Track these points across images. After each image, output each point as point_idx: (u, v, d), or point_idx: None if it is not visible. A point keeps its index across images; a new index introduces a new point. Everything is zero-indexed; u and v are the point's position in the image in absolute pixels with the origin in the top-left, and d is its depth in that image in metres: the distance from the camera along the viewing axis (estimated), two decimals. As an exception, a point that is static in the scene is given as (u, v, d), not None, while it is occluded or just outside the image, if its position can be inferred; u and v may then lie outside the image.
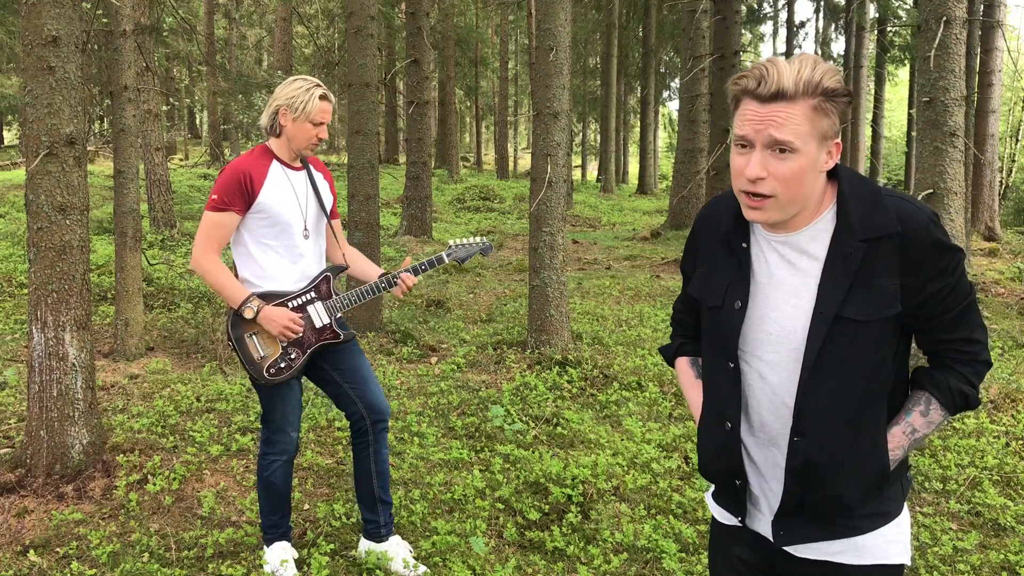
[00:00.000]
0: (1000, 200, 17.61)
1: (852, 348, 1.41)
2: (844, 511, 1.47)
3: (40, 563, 3.09)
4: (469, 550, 3.24)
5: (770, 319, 1.47)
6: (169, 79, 24.18)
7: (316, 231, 3.00)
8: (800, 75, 1.33)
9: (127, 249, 6.01)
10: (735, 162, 1.42)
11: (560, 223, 6.09)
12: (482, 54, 31.13)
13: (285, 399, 2.93)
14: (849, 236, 1.40)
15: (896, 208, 1.40)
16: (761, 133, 1.36)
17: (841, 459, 1.44)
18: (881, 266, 1.40)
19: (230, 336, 2.87)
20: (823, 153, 1.38)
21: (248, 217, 2.83)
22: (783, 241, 1.47)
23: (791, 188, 1.37)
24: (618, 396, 5.24)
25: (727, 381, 1.54)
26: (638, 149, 29.90)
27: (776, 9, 25.57)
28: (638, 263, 12.03)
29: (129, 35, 6.17)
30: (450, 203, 19.02)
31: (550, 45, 5.94)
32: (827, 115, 1.36)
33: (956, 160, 5.31)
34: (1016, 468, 4.16)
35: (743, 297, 1.50)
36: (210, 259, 2.82)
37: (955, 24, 5.29)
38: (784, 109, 1.34)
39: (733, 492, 1.58)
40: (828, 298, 1.41)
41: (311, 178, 3.00)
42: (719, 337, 1.55)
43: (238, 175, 2.78)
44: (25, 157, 3.64)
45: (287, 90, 2.84)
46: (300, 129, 2.84)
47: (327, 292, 2.97)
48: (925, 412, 1.50)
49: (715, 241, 1.58)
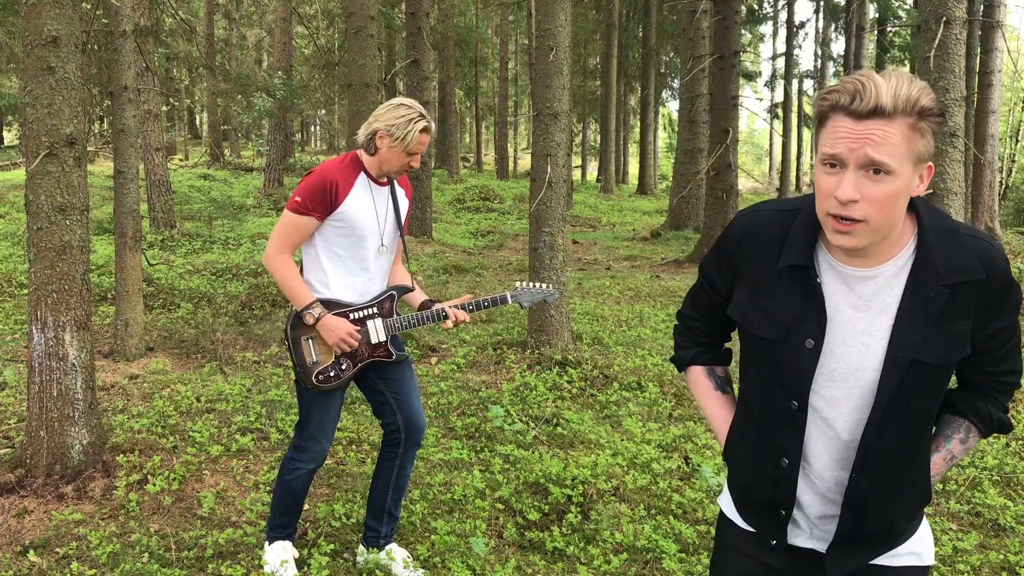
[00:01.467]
0: (1000, 200, 17.61)
1: (921, 389, 1.38)
2: (894, 535, 1.48)
3: (40, 563, 3.09)
4: (469, 550, 3.24)
5: (836, 355, 1.40)
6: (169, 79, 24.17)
7: (390, 248, 3.00)
8: (898, 91, 1.25)
9: (127, 249, 6.01)
10: (823, 182, 1.32)
11: (560, 223, 6.09)
12: (482, 54, 31.14)
13: (326, 408, 2.93)
14: (931, 278, 1.34)
15: (978, 250, 1.35)
16: (856, 152, 1.26)
17: (895, 492, 1.44)
18: (958, 310, 1.35)
19: (287, 336, 2.89)
20: (916, 177, 1.31)
21: (325, 224, 2.82)
22: (859, 276, 1.39)
23: (884, 213, 1.29)
24: (618, 396, 5.24)
25: (790, 421, 1.46)
26: (638, 149, 29.90)
27: (776, 9, 25.59)
28: (638, 263, 12.04)
29: (129, 35, 6.17)
30: (450, 203, 19.02)
31: (550, 45, 5.94)
32: (923, 135, 1.28)
33: (956, 160, 5.31)
34: (1016, 468, 4.16)
35: (817, 336, 1.40)
36: (282, 258, 2.82)
37: (955, 24, 5.29)
38: (882, 127, 1.25)
39: (775, 519, 1.53)
40: (905, 341, 1.35)
41: (394, 194, 2.99)
42: (783, 375, 1.45)
43: (325, 182, 2.76)
44: (25, 157, 3.64)
45: (389, 115, 2.79)
46: (395, 155, 2.82)
47: (389, 310, 2.96)
48: (965, 440, 1.50)
49: (769, 266, 1.46)
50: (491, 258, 11.95)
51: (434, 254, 11.60)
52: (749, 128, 63.53)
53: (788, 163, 25.09)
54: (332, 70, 18.74)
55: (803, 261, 1.41)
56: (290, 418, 4.63)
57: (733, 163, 11.46)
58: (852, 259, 1.39)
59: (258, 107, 14.37)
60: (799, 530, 1.54)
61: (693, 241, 13.46)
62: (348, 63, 6.88)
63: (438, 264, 10.56)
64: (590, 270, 11.32)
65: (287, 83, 14.56)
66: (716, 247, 1.57)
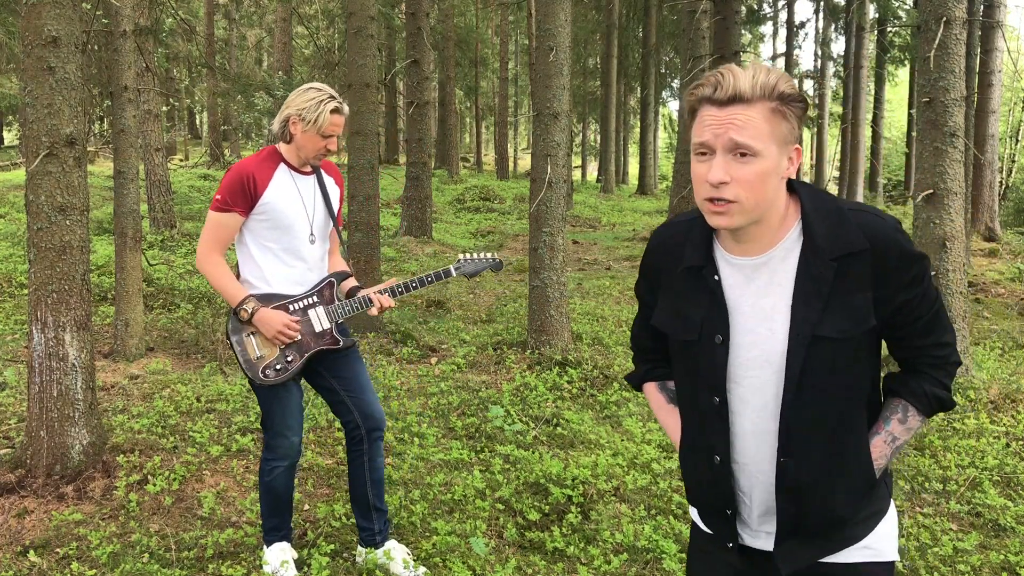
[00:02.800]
0: (1000, 200, 17.60)
1: (832, 366, 1.41)
2: (838, 523, 1.47)
3: (40, 563, 3.09)
4: (469, 551, 3.24)
5: (747, 344, 1.46)
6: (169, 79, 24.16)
7: (322, 236, 2.99)
8: (756, 79, 1.34)
9: (127, 249, 6.01)
10: (696, 170, 1.40)
11: (560, 224, 6.09)
12: (482, 54, 31.13)
13: (284, 402, 2.92)
14: (817, 256, 1.40)
15: (861, 223, 1.40)
16: (722, 137, 1.35)
17: (829, 475, 1.45)
18: (853, 283, 1.39)
19: (229, 335, 2.89)
20: (784, 158, 1.38)
21: (251, 219, 2.83)
22: (752, 264, 1.46)
23: (755, 192, 1.36)
24: (618, 396, 5.24)
25: (714, 416, 1.50)
26: (638, 149, 29.90)
27: (776, 9, 25.59)
28: (638, 263, 12.03)
29: (129, 35, 6.17)
30: (450, 203, 19.02)
31: (550, 45, 5.94)
32: (785, 119, 1.36)
33: (956, 160, 5.31)
34: (1016, 468, 4.16)
35: (724, 331, 1.47)
36: (212, 259, 2.83)
37: (955, 24, 5.29)
38: (742, 112, 1.34)
39: (724, 520, 1.57)
40: (803, 319, 1.40)
41: (321, 183, 2.98)
42: (701, 372, 1.51)
43: (242, 177, 2.77)
44: (25, 157, 3.64)
45: (299, 99, 2.80)
46: (309, 140, 2.82)
47: (330, 297, 2.96)
48: (903, 419, 1.51)
49: (677, 272, 1.54)
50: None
51: (434, 254, 11.60)
52: (749, 128, 63.43)
53: (788, 163, 25.02)
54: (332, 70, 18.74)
55: (699, 261, 1.49)
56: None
57: (733, 163, 11.44)
58: (742, 248, 1.46)
59: (258, 107, 14.36)
60: (751, 530, 1.56)
61: (693, 241, 13.43)
62: (348, 63, 6.88)
63: (438, 264, 10.56)
64: (590, 270, 11.31)
65: (287, 83, 14.56)
66: (640, 266, 1.65)
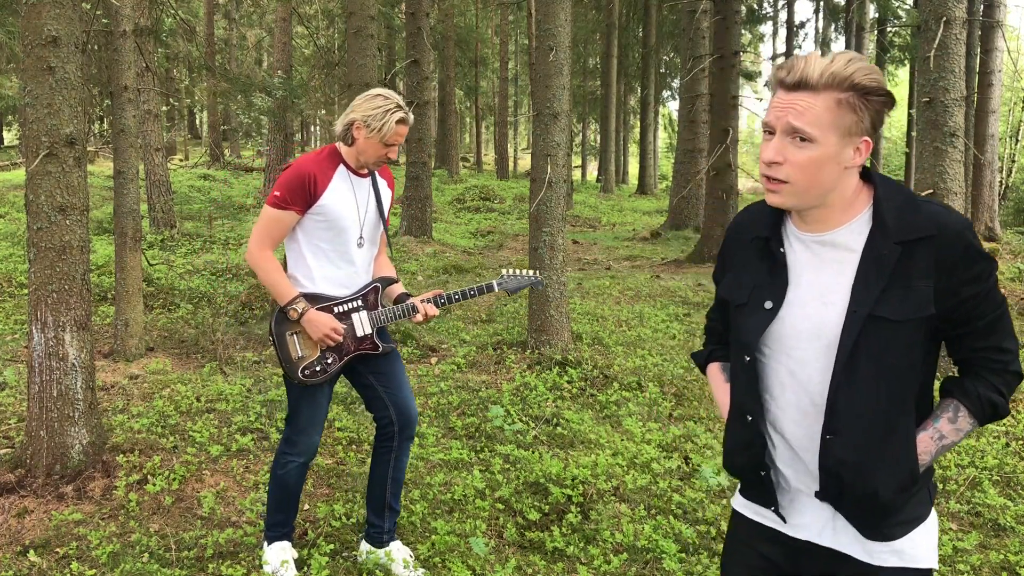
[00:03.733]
0: (1000, 200, 17.61)
1: (885, 347, 1.42)
2: (880, 510, 1.47)
3: (40, 563, 3.09)
4: (469, 550, 3.24)
5: (800, 316, 1.49)
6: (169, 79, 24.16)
7: (371, 240, 2.99)
8: (828, 67, 1.36)
9: (127, 249, 6.01)
10: (761, 149, 1.46)
11: (560, 223, 6.09)
12: (482, 54, 31.13)
13: (314, 401, 2.93)
14: (885, 237, 1.42)
15: (931, 212, 1.42)
16: (781, 120, 1.39)
17: (872, 458, 1.45)
18: (916, 268, 1.41)
19: (272, 331, 2.89)
20: (848, 148, 1.40)
21: (306, 218, 2.82)
22: (818, 240, 1.49)
23: (806, 176, 1.40)
24: (618, 396, 5.24)
25: (745, 376, 1.57)
26: (638, 149, 29.90)
27: (776, 9, 25.57)
28: (638, 263, 12.04)
29: (129, 35, 6.17)
30: (450, 203, 19.02)
31: (550, 45, 5.94)
32: (854, 111, 1.37)
33: (956, 160, 5.31)
34: (1016, 468, 4.16)
35: (777, 299, 1.51)
36: (264, 255, 2.82)
37: (955, 24, 5.29)
38: (805, 99, 1.37)
39: (760, 483, 1.60)
40: (862, 297, 1.42)
41: (375, 186, 2.98)
42: (739, 333, 1.58)
43: (303, 176, 2.76)
44: (25, 157, 3.64)
45: (366, 105, 2.79)
46: (371, 146, 2.82)
47: (374, 303, 2.97)
48: (953, 419, 1.50)
49: (745, 247, 1.61)
50: (491, 258, 11.94)
51: (434, 254, 11.60)
52: (749, 128, 63.52)
53: (788, 163, 25.03)
54: (332, 70, 18.74)
55: (765, 232, 1.55)
56: (290, 418, 4.63)
57: (733, 163, 11.46)
58: (808, 226, 1.50)
59: (258, 107, 14.35)
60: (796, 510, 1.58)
61: (693, 241, 13.46)
62: (348, 63, 6.89)
63: (438, 264, 10.56)
64: (590, 270, 11.32)
65: (287, 83, 14.54)
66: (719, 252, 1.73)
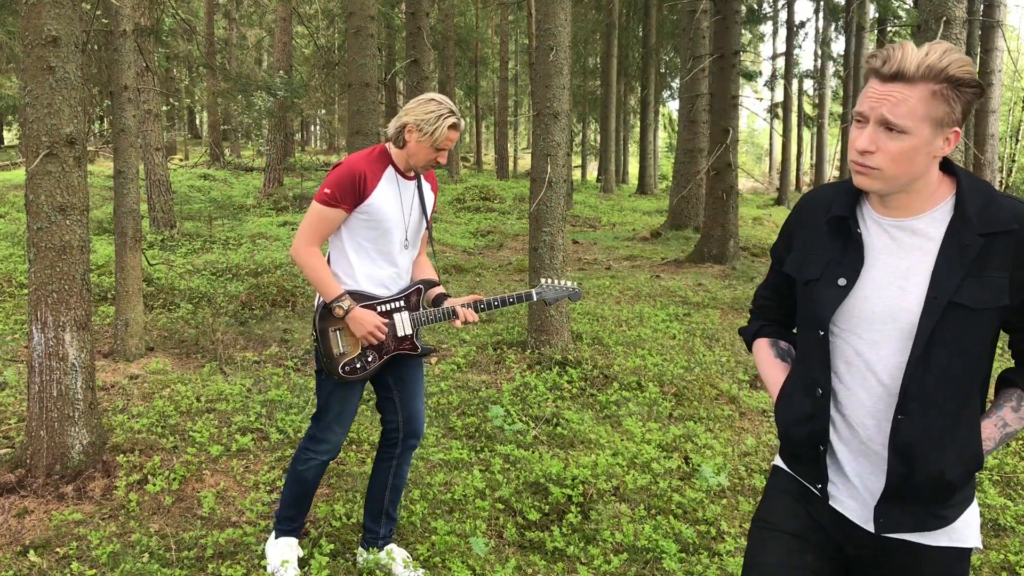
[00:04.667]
0: (1000, 200, 17.55)
1: (961, 334, 1.45)
2: (947, 490, 1.49)
3: (40, 563, 3.09)
4: (469, 550, 3.24)
5: (876, 298, 1.50)
6: (169, 79, 24.17)
7: (414, 242, 3.01)
8: (925, 59, 1.38)
9: (127, 249, 6.01)
10: (853, 135, 1.47)
11: (560, 223, 6.09)
12: (482, 54, 31.13)
13: (346, 399, 2.94)
14: (967, 228, 1.45)
15: (1012, 207, 1.45)
16: (875, 111, 1.41)
17: (942, 439, 1.47)
18: (994, 260, 1.44)
19: (316, 327, 2.90)
20: (939, 139, 1.43)
21: (352, 216, 2.84)
22: (898, 225, 1.51)
23: (897, 165, 1.43)
24: (618, 396, 5.24)
25: (818, 350, 1.58)
26: (638, 149, 29.90)
27: (776, 9, 25.58)
28: (638, 263, 12.04)
29: (129, 35, 6.17)
30: (450, 203, 19.02)
31: (550, 45, 5.94)
32: (947, 102, 1.39)
33: (956, 160, 5.31)
34: (1016, 468, 4.16)
35: (850, 276, 1.53)
36: (311, 251, 2.84)
37: (955, 24, 5.29)
38: (901, 90, 1.39)
39: (815, 459, 1.61)
40: (943, 284, 1.44)
41: (420, 188, 3.00)
42: (812, 308, 1.58)
43: (354, 174, 2.78)
44: (25, 157, 3.64)
45: (419, 109, 2.81)
46: (422, 150, 2.83)
47: (416, 304, 2.98)
48: (1017, 408, 1.54)
49: (817, 226, 1.62)
50: (491, 258, 11.95)
51: (434, 254, 11.58)
52: (749, 128, 63.52)
53: (788, 163, 25.07)
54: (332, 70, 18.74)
55: (844, 212, 1.56)
56: (290, 418, 4.63)
57: (733, 163, 11.46)
58: (889, 211, 1.52)
59: (258, 107, 14.36)
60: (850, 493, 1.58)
61: (693, 241, 13.46)
62: (348, 63, 6.88)
63: (438, 264, 10.56)
64: (590, 270, 11.31)
65: (287, 83, 14.55)
66: (781, 228, 1.74)
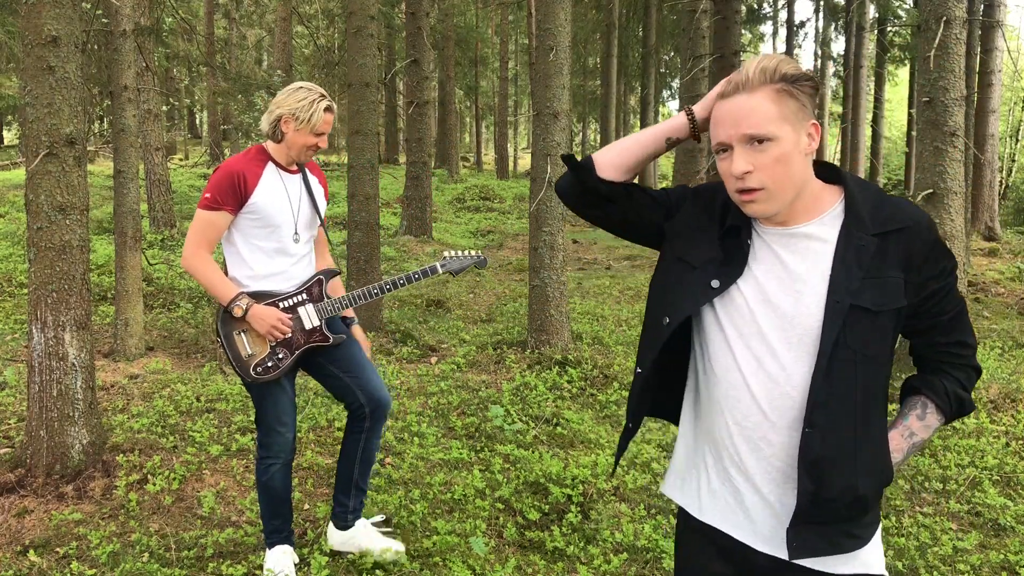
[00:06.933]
0: (1000, 200, 17.61)
1: (865, 338, 1.40)
2: (859, 504, 1.42)
3: (40, 563, 3.09)
4: (469, 550, 3.24)
5: (772, 305, 1.44)
6: (169, 79, 24.17)
7: (308, 235, 3.02)
8: (758, 66, 1.39)
9: (127, 249, 6.01)
10: (721, 168, 1.44)
11: (560, 223, 6.09)
12: (482, 54, 31.13)
13: (276, 399, 2.93)
14: (860, 229, 1.42)
15: (902, 206, 1.44)
16: (736, 132, 1.40)
17: (852, 451, 1.41)
18: (889, 259, 1.41)
19: (219, 332, 2.89)
20: (801, 135, 1.41)
21: (240, 217, 2.84)
22: (788, 233, 1.46)
23: (778, 175, 1.39)
24: (618, 396, 5.24)
25: (655, 335, 1.55)
26: (638, 149, 29.81)
27: (776, 9, 25.58)
28: (638, 263, 12.03)
29: (129, 35, 6.17)
30: (450, 203, 19.02)
31: (550, 45, 5.93)
32: (793, 97, 1.39)
33: (956, 160, 5.31)
34: (1016, 468, 4.16)
35: (725, 281, 1.48)
36: (201, 257, 2.83)
37: (955, 24, 5.28)
38: (747, 101, 1.38)
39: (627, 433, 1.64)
40: (842, 287, 1.39)
41: (306, 181, 3.01)
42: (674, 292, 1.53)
43: (232, 175, 2.79)
44: (25, 157, 3.64)
45: (290, 99, 2.83)
46: (301, 136, 2.85)
47: (319, 295, 2.98)
48: (922, 416, 1.50)
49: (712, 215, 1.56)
50: (491, 257, 11.94)
51: (434, 254, 11.60)
52: (749, 128, 63.41)
53: (788, 163, 25.01)
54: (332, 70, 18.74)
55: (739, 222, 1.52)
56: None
57: (733, 163, 11.43)
58: (779, 222, 1.48)
59: (258, 107, 14.36)
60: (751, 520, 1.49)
61: (693, 241, 13.43)
62: (348, 63, 6.88)
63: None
64: (590, 270, 11.31)
65: (287, 82, 14.55)
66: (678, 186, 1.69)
